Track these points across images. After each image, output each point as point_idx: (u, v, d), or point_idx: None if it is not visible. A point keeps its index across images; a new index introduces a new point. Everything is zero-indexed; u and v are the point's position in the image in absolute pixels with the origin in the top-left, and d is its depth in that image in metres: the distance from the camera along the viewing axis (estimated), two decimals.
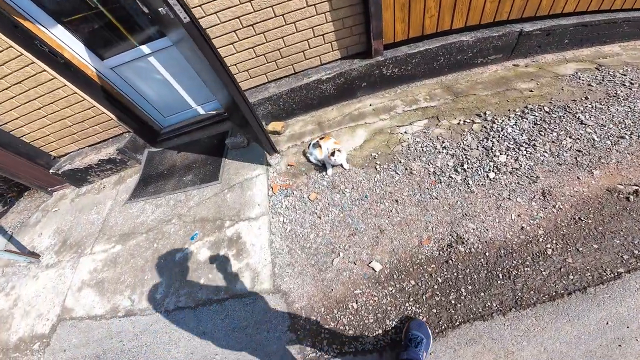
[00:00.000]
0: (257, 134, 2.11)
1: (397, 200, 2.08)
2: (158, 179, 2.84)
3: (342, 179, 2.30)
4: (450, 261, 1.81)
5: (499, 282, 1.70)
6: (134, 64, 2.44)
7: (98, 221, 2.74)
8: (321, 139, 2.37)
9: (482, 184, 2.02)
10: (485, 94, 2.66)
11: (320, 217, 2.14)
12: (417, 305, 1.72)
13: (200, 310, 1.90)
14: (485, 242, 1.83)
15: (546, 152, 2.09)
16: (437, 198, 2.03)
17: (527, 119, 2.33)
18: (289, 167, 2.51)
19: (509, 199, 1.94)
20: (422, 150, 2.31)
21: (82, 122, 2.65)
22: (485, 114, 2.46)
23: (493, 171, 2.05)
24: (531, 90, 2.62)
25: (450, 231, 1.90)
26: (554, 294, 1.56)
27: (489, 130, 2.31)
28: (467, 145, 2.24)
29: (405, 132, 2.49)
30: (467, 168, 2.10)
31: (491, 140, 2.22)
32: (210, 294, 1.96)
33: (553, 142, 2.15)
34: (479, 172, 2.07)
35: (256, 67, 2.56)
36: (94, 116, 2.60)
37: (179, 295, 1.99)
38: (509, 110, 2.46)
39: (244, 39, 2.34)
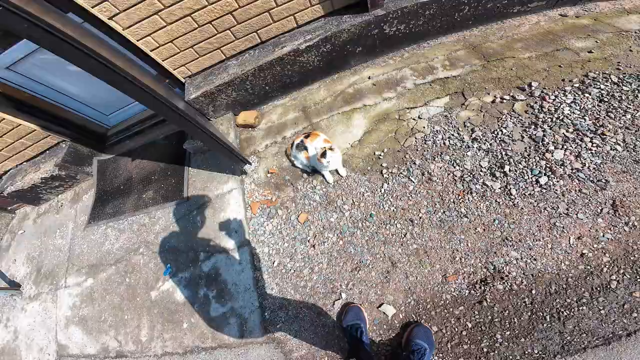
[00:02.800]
0: (211, 142, 1.52)
1: (412, 221, 1.57)
2: (115, 196, 2.35)
3: (338, 191, 1.77)
4: (484, 302, 1.39)
5: (544, 325, 1.31)
6: (34, 58, 1.75)
7: (64, 247, 2.42)
8: (307, 137, 1.78)
9: (530, 194, 1.48)
10: (528, 56, 1.94)
11: (314, 246, 1.67)
12: (440, 355, 1.36)
13: (189, 358, 1.64)
14: (532, 275, 1.38)
15: (618, 144, 1.50)
16: (466, 216, 1.51)
17: (589, 93, 1.68)
18: (269, 175, 1.97)
19: (567, 214, 1.41)
20: (444, 144, 1.72)
21: (1, 137, 2.06)
22: (530, 86, 1.79)
23: (545, 174, 1.49)
24: (590, 51, 1.89)
25: (485, 262, 1.43)
26: (610, 335, 1.22)
27: (537, 111, 1.68)
28: (508, 136, 1.63)
29: (419, 118, 1.86)
30: (509, 171, 1.53)
31: (541, 128, 1.61)
32: (197, 341, 1.65)
33: (627, 128, 1.53)
34: (525, 177, 1.51)
35: (203, 42, 1.84)
36: (11, 130, 2.00)
37: (164, 340, 1.76)
38: (563, 80, 1.78)
39: (172, 4, 1.60)
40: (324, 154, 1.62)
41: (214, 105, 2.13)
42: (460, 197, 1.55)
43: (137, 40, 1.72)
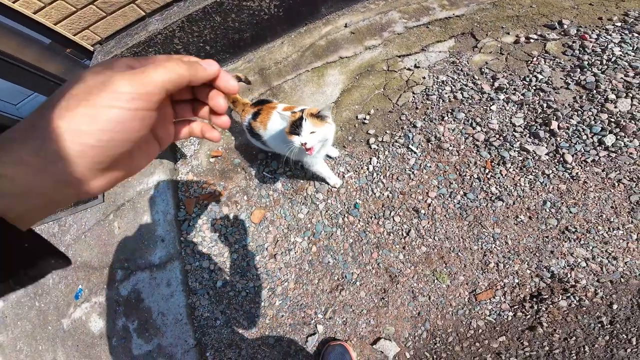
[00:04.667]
0: None
1: (417, 210, 1.04)
2: None
3: (307, 173, 1.22)
4: (538, 327, 0.89)
5: (627, 350, 0.86)
6: None
7: None
8: (256, 115, 1.08)
9: (594, 161, 0.98)
10: None
11: (275, 257, 1.12)
12: None
13: None
14: (612, 283, 0.89)
15: None
16: (500, 198, 1.00)
17: (635, 31, 1.20)
18: (212, 159, 1.40)
19: None
20: (455, 97, 1.20)
21: None
22: (561, 24, 1.32)
23: (612, 132, 0.99)
24: None
25: (537, 268, 0.92)
26: None
27: (578, 52, 1.19)
28: (546, 83, 1.13)
29: (415, 67, 1.34)
30: (558, 129, 1.02)
31: (591, 72, 1.11)
32: None
33: None
34: (583, 137, 1.01)
35: None
36: None
37: None
38: (600, 19, 1.33)
39: None
40: (297, 127, 0.85)
41: None
42: (488, 171, 1.03)
43: (13, 2, 1.16)
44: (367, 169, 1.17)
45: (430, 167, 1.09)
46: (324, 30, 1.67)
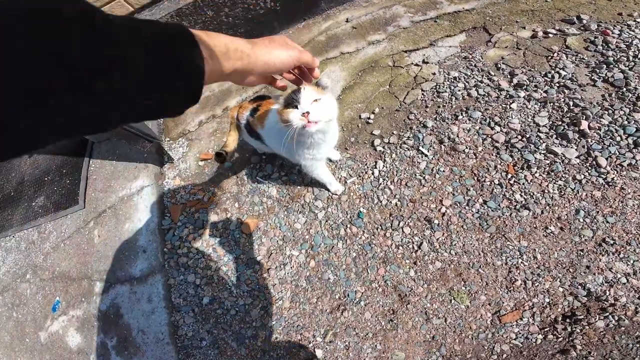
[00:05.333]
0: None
1: (430, 220, 0.92)
2: (4, 205, 1.67)
3: (306, 178, 1.10)
4: (572, 350, 0.78)
5: None
6: None
7: None
8: (255, 110, 0.97)
9: (631, 164, 0.87)
10: None
11: (269, 272, 1.00)
12: None
13: None
14: None
15: None
16: (526, 207, 0.88)
17: None
18: (202, 163, 1.28)
19: None
20: (469, 95, 1.09)
21: None
22: (580, 19, 1.22)
23: None
24: None
25: (571, 285, 0.80)
26: None
27: (600, 47, 1.09)
28: (571, 79, 1.02)
29: (424, 62, 1.23)
30: (589, 129, 0.91)
31: (618, 69, 1.01)
32: None
33: None
34: (616, 138, 0.89)
35: None
36: None
37: None
38: (620, 14, 1.24)
39: None
40: (292, 100, 0.70)
41: None
42: (510, 176, 0.91)
43: None
44: (372, 173, 1.05)
45: (443, 171, 0.97)
46: (323, 25, 1.57)
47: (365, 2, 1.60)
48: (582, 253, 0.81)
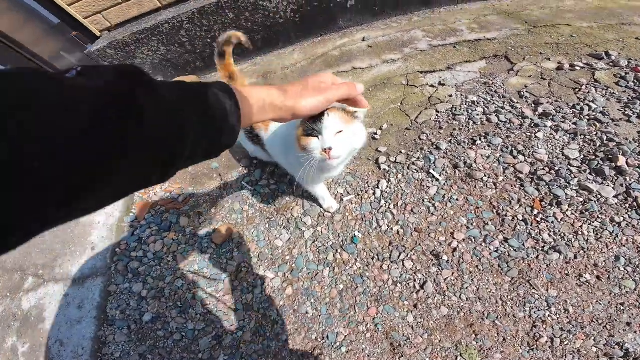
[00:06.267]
0: None
1: (437, 256, 0.76)
2: None
3: (297, 189, 0.96)
4: None
5: None
6: None
7: None
8: None
9: None
10: (588, 26, 1.37)
11: (232, 294, 0.81)
12: None
13: None
14: None
15: None
16: (556, 249, 0.71)
17: None
18: None
19: None
20: (489, 120, 0.98)
21: None
22: (608, 55, 1.15)
23: None
24: None
25: (606, 344, 0.61)
26: None
27: (632, 84, 1.01)
28: (602, 113, 0.92)
29: (440, 84, 1.14)
30: (628, 165, 0.78)
31: None
32: None
33: None
34: None
35: None
36: None
37: None
38: None
39: None
40: (312, 125, 0.53)
41: (132, 63, 1.39)
42: (537, 212, 0.76)
43: None
44: (374, 193, 0.90)
45: (457, 200, 0.83)
46: (339, 42, 1.53)
47: (384, 25, 1.57)
48: (622, 307, 0.63)
